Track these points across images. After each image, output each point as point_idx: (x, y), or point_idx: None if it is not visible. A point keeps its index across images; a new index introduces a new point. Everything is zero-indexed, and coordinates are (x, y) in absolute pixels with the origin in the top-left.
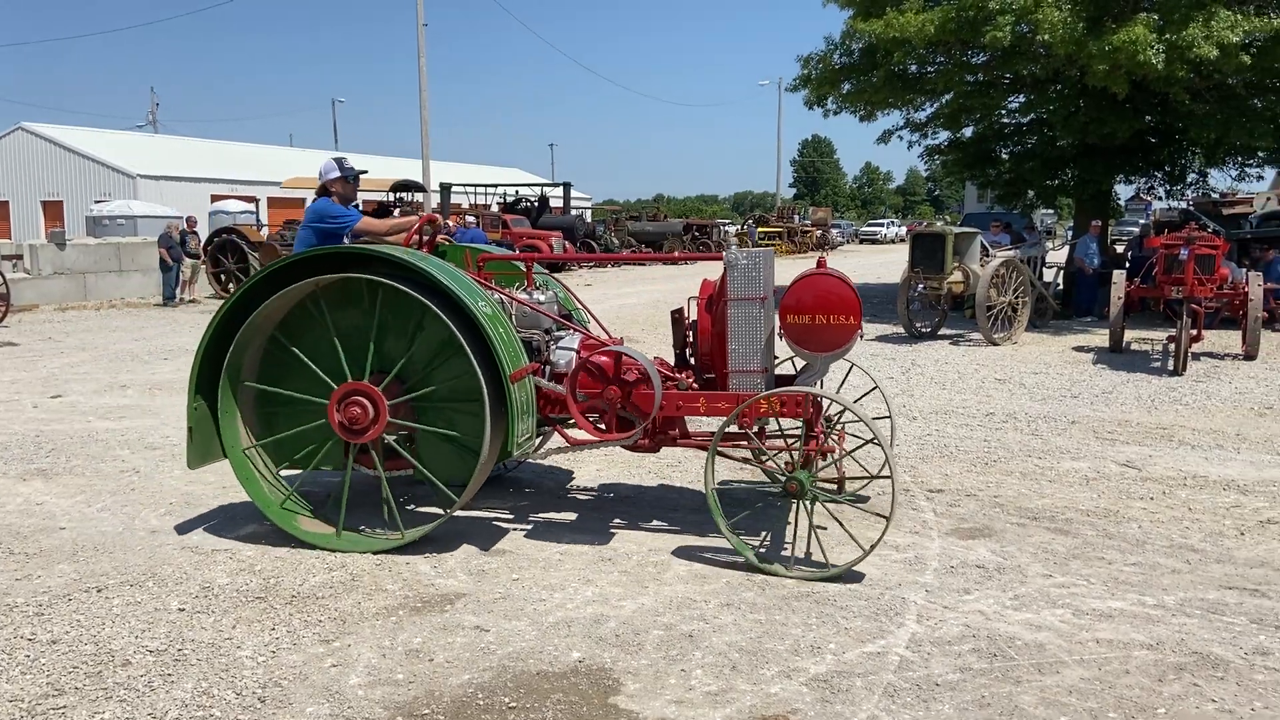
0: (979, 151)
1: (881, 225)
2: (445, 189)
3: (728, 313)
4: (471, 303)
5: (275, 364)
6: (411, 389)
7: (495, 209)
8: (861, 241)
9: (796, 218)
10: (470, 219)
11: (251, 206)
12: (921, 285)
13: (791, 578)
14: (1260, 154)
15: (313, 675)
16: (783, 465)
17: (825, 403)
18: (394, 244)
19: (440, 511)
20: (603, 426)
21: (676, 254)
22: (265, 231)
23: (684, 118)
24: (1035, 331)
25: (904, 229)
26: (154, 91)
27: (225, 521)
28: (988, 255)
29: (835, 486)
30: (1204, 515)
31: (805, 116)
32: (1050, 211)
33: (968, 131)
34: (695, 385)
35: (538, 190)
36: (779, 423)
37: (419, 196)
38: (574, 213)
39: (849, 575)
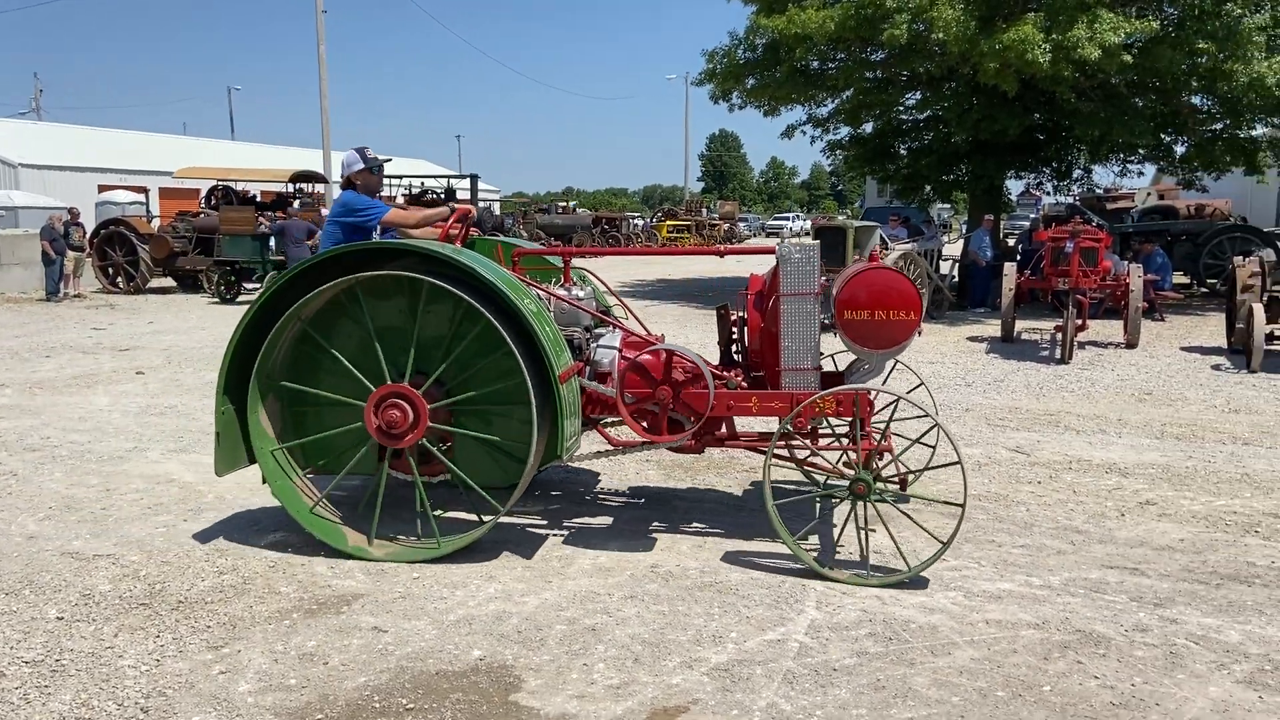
0: (878, 147)
1: (787, 219)
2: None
3: (780, 308)
4: (519, 301)
5: (303, 365)
6: (448, 390)
7: (401, 200)
8: (768, 235)
9: (704, 211)
10: None
11: (141, 197)
12: (826, 278)
13: (863, 585)
14: (1141, 151)
15: (199, 683)
16: (843, 466)
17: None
18: (427, 237)
19: (473, 518)
20: (645, 425)
21: (720, 248)
22: (156, 223)
23: (593, 111)
24: (932, 322)
25: (808, 223)
26: (37, 78)
27: (108, 526)
28: (886, 248)
29: (899, 486)
30: (1088, 498)
31: (713, 111)
32: (947, 206)
33: (868, 127)
34: (744, 384)
35: (444, 182)
36: (828, 422)
37: (320, 188)
38: (482, 205)
39: (752, 564)
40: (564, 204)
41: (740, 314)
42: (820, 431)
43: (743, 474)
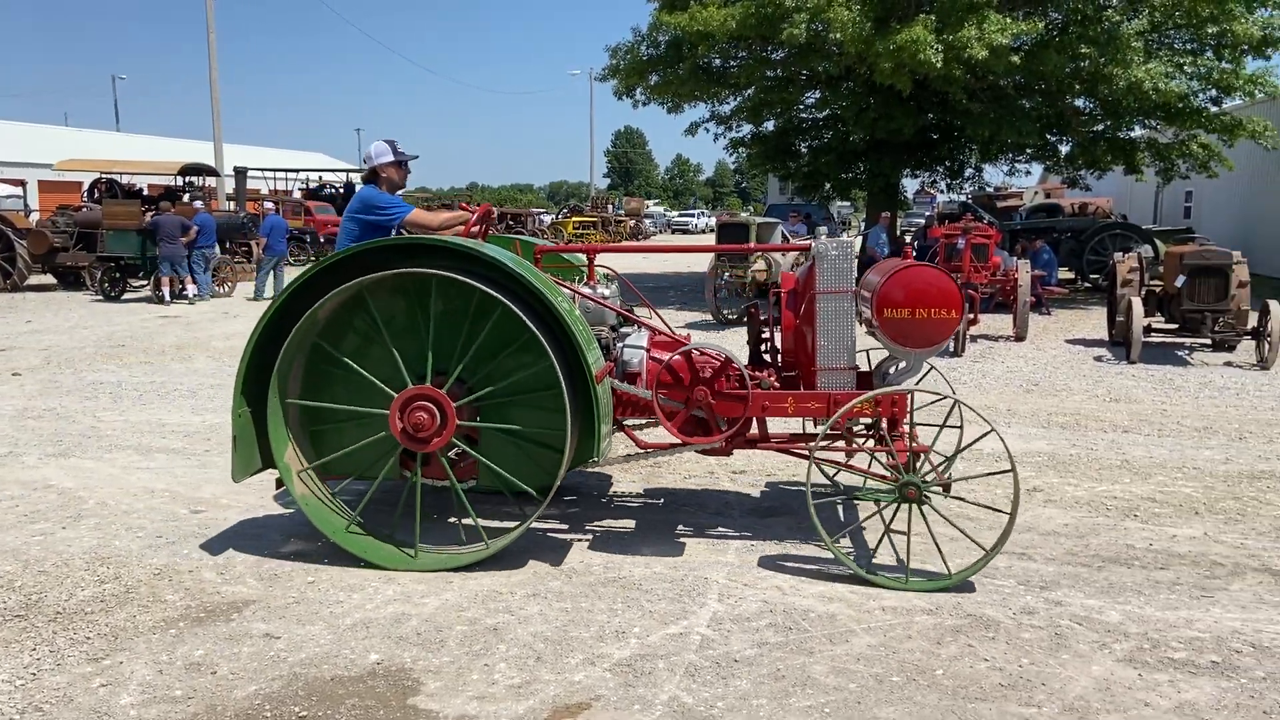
0: (780, 145)
1: (692, 216)
2: (240, 173)
3: (816, 307)
4: (555, 302)
5: (319, 368)
6: (470, 391)
7: (298, 195)
8: (674, 231)
9: (610, 208)
10: (269, 205)
11: (19, 191)
12: (728, 274)
13: (905, 590)
14: (1028, 151)
15: (79, 697)
16: (882, 469)
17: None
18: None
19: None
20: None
21: (751, 245)
22: (35, 218)
23: (498, 106)
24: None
25: (713, 219)
26: None
27: None
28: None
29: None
30: (978, 486)
31: (618, 107)
32: (848, 204)
33: (769, 125)
34: (777, 384)
35: (343, 176)
36: (858, 423)
37: (211, 181)
38: None
39: (656, 558)
40: (467, 200)
41: (773, 313)
42: (854, 432)
43: (647, 468)
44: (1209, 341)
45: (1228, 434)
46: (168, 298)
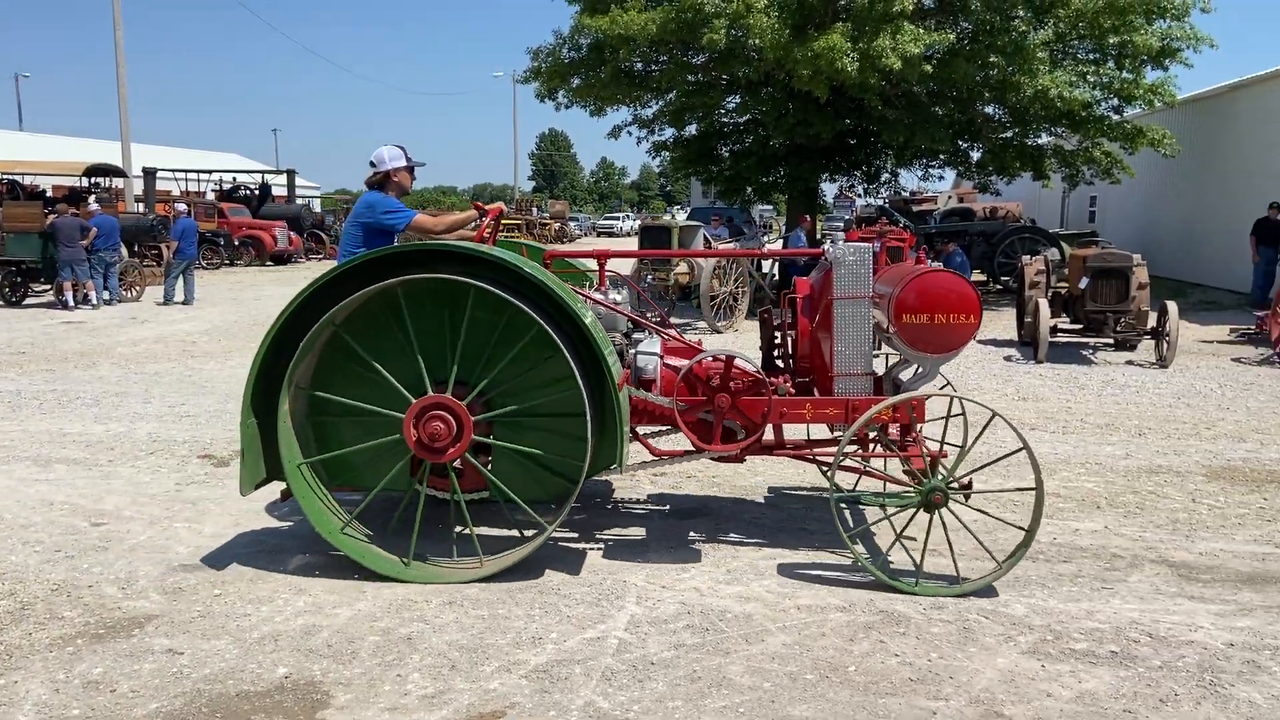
0: (702, 149)
1: (617, 219)
2: (149, 174)
3: (833, 312)
4: (577, 309)
5: (330, 373)
6: (485, 401)
7: (211, 197)
8: (599, 234)
9: (535, 211)
10: (181, 207)
11: None
12: (650, 276)
13: (924, 595)
14: (941, 157)
15: None
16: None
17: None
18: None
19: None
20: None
21: (765, 249)
22: None
23: (421, 107)
24: (754, 319)
25: (638, 223)
26: None
27: None
28: (709, 248)
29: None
30: (893, 485)
31: (543, 110)
32: (769, 207)
33: (691, 129)
34: (792, 390)
35: (259, 177)
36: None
37: (118, 182)
38: (300, 202)
39: (575, 562)
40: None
41: (786, 318)
42: (874, 438)
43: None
44: (1111, 341)
45: (1128, 430)
46: (71, 303)
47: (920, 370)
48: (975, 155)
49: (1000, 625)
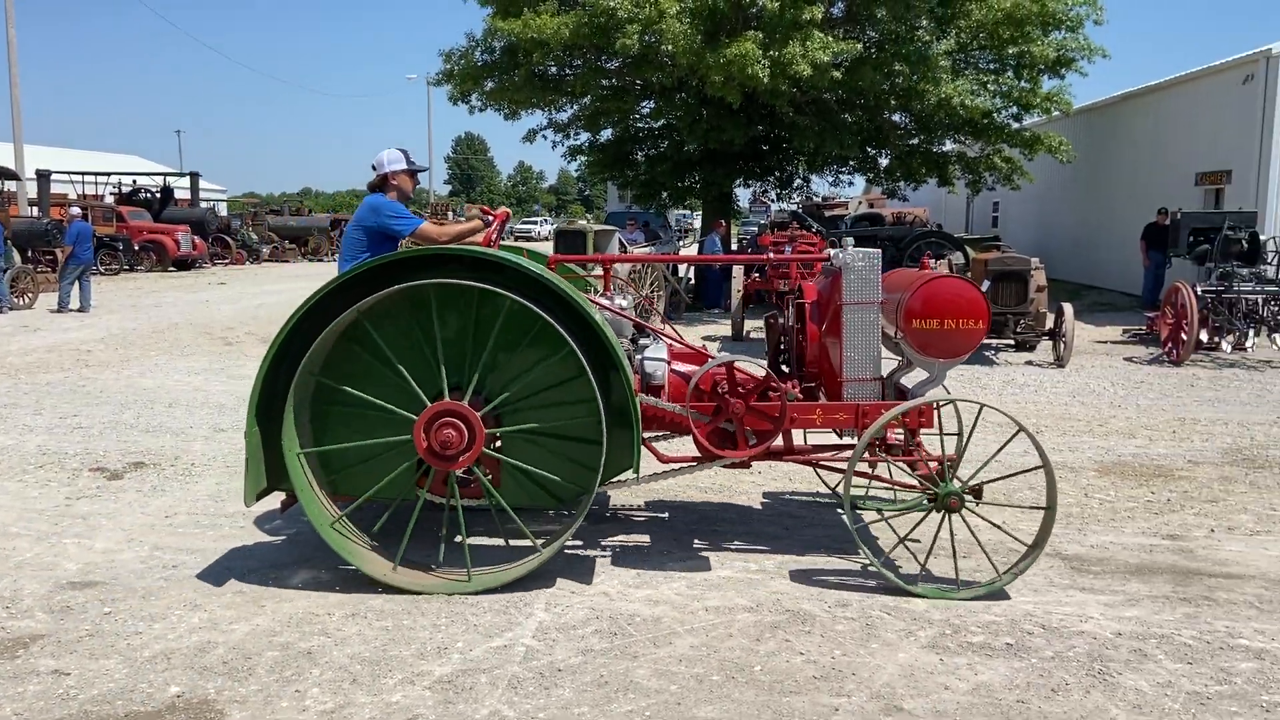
0: (617, 153)
1: (535, 223)
2: (43, 177)
3: (843, 318)
4: (593, 315)
5: (338, 368)
6: (490, 404)
7: (110, 200)
8: (517, 238)
9: (451, 215)
10: (76, 210)
11: None
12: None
13: (930, 597)
14: (851, 163)
15: None
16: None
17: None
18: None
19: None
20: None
21: (770, 256)
22: None
23: (333, 109)
24: (670, 322)
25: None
26: None
27: None
28: (625, 252)
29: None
30: (801, 484)
31: (458, 113)
32: (686, 212)
33: (606, 134)
34: (800, 396)
35: (160, 180)
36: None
37: (11, 185)
38: (205, 205)
39: (493, 562)
40: (298, 205)
41: (786, 324)
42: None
43: None
44: (1012, 342)
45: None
46: None
47: (928, 375)
48: (883, 161)
49: (902, 621)
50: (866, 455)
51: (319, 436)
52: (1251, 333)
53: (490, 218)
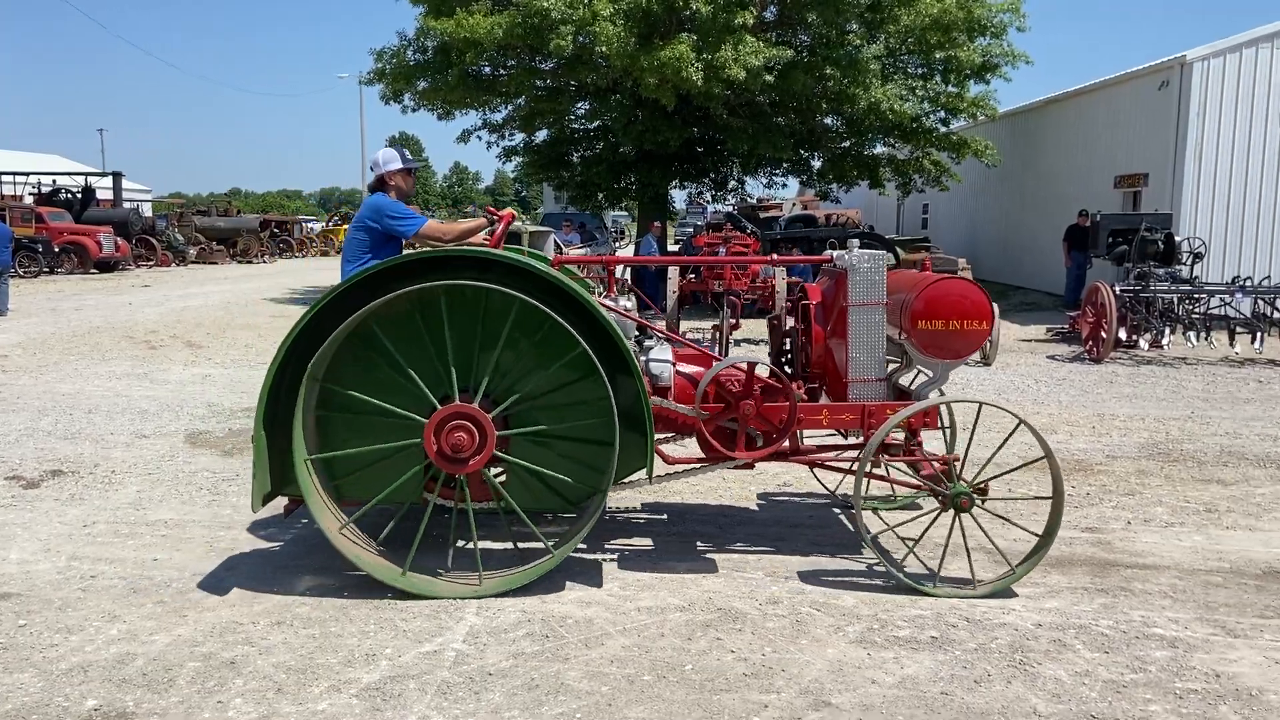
0: (552, 154)
1: None
2: None
3: (848, 319)
4: (605, 318)
5: (344, 372)
6: (501, 409)
7: (29, 200)
8: None
9: None
10: None
11: None
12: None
13: (945, 596)
14: (784, 165)
15: None
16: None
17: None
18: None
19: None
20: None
21: (774, 258)
22: None
23: (263, 108)
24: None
25: None
26: None
27: None
28: (560, 253)
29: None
30: (734, 484)
31: (391, 113)
32: (624, 213)
33: (541, 135)
34: (805, 396)
35: (81, 180)
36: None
37: None
38: (128, 206)
39: (423, 567)
40: (227, 206)
41: (790, 325)
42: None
43: None
44: None
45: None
46: None
47: (931, 376)
48: (816, 164)
49: (831, 617)
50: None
51: (322, 441)
52: (1168, 330)
53: (495, 218)
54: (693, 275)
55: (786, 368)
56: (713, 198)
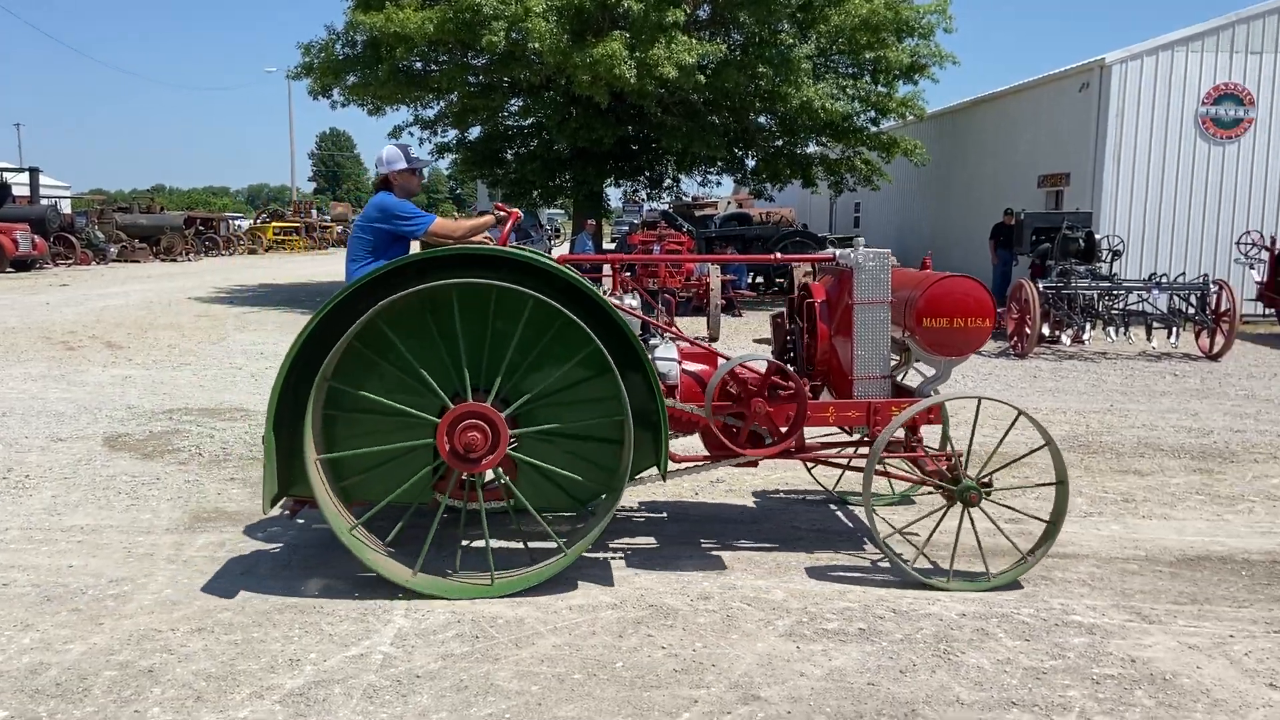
0: (486, 151)
1: None
2: None
3: (854, 317)
4: (619, 317)
5: (352, 371)
6: (507, 406)
7: None
8: None
9: (315, 213)
10: None
11: None
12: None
13: (958, 590)
14: (719, 164)
15: None
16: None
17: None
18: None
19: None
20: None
21: (778, 255)
22: None
23: (189, 103)
24: None
25: None
26: None
27: None
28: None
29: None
30: (670, 482)
31: (322, 108)
32: (560, 211)
33: (475, 131)
34: (810, 394)
35: None
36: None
37: None
38: (46, 202)
39: (341, 577)
40: (150, 202)
41: (794, 323)
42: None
43: None
44: None
45: None
46: None
47: (934, 372)
48: (750, 162)
49: (761, 611)
50: (853, 452)
51: (328, 444)
52: (1089, 326)
53: (504, 215)
54: (627, 273)
55: (790, 366)
56: (648, 196)
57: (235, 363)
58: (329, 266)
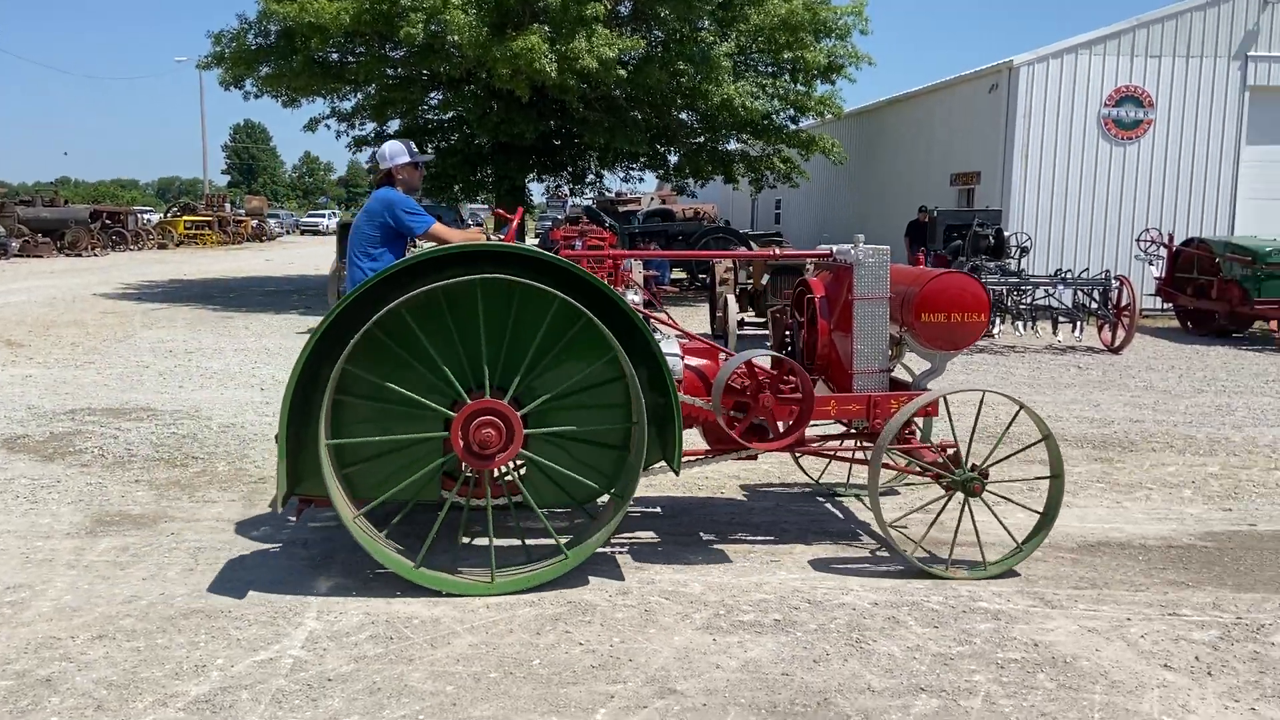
0: None
1: (323, 216)
2: None
3: (854, 312)
4: (637, 317)
5: (368, 363)
6: (521, 403)
7: None
8: (303, 232)
9: (229, 206)
10: None
11: None
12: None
13: (958, 579)
14: (641, 159)
15: None
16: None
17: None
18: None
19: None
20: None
21: (775, 251)
22: None
23: (95, 92)
24: None
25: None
26: None
27: None
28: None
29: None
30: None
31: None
32: (483, 205)
33: (394, 125)
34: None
35: None
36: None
37: None
38: None
39: (250, 581)
40: (53, 195)
41: (794, 318)
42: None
43: (248, 487)
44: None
45: None
46: None
47: (930, 366)
48: (672, 159)
49: (679, 605)
50: (854, 445)
51: (338, 438)
52: (997, 320)
53: (508, 219)
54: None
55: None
56: (570, 191)
57: (142, 360)
58: (243, 262)
